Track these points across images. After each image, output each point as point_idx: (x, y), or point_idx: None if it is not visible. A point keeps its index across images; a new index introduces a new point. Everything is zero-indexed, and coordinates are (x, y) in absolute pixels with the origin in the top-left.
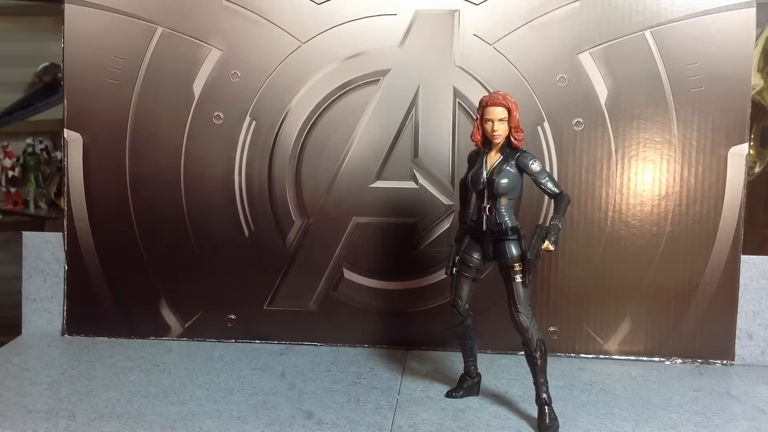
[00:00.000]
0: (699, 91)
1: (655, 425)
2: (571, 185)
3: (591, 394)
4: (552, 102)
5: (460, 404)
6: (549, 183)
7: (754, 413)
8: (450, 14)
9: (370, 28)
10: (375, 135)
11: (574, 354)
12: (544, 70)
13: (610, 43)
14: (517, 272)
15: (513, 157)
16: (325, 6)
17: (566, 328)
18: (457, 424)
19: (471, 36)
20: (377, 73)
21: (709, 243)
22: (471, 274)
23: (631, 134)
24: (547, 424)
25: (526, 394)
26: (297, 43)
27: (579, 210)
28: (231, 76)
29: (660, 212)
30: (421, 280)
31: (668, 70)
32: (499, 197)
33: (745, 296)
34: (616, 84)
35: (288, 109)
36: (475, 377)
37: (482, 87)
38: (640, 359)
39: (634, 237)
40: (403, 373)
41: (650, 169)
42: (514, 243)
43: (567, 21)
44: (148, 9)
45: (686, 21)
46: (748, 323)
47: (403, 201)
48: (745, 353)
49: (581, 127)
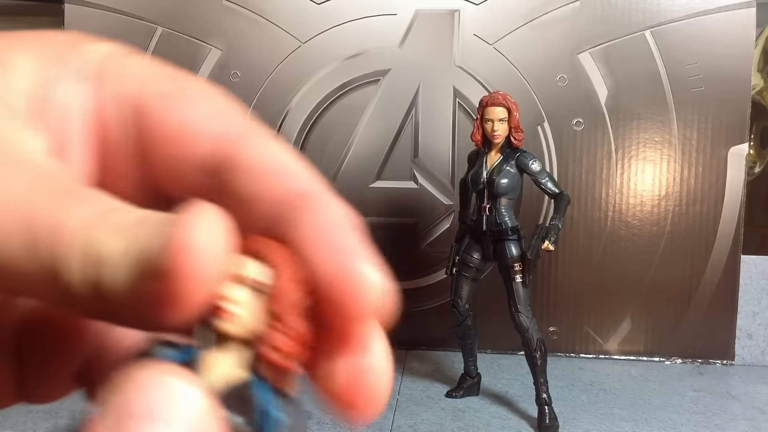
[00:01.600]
0: (699, 91)
1: (655, 425)
2: (571, 185)
3: (591, 394)
4: (552, 102)
5: (460, 404)
6: (549, 183)
7: (754, 413)
8: (450, 14)
9: (370, 28)
10: (375, 135)
11: (574, 354)
12: (544, 70)
13: (610, 43)
14: (517, 272)
15: (513, 157)
16: (325, 6)
17: (566, 328)
18: (457, 424)
19: (471, 36)
20: (377, 73)
21: (709, 243)
22: (471, 274)
23: (631, 134)
24: (547, 424)
25: (526, 394)
26: (297, 43)
27: (579, 210)
28: (231, 76)
29: (660, 212)
30: (421, 280)
31: (668, 70)
32: (499, 197)
33: (745, 296)
34: (616, 84)
35: (288, 109)
36: (475, 377)
37: (482, 87)
38: (640, 359)
39: (634, 237)
40: (403, 373)
41: (650, 169)
42: (514, 243)
43: (567, 21)
44: (148, 9)
45: (686, 21)
46: (748, 323)
47: (403, 201)
48: (745, 353)
49: (581, 127)
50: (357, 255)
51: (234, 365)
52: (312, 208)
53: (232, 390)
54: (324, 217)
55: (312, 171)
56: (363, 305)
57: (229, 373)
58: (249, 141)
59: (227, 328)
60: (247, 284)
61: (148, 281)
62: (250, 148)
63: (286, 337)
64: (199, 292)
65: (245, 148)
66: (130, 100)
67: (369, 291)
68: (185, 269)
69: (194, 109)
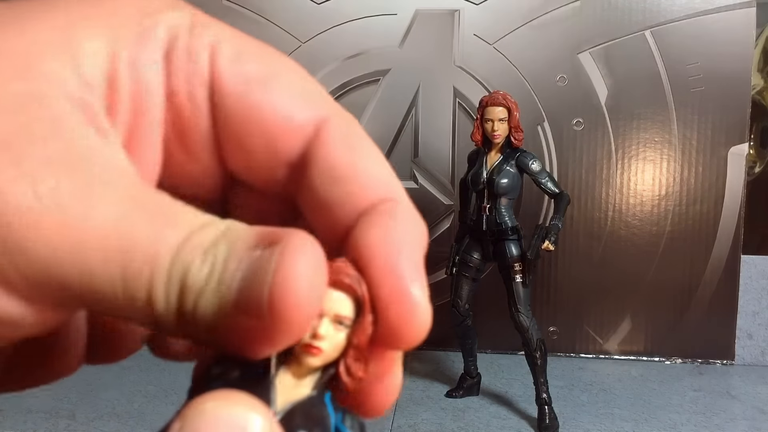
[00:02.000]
0: (699, 91)
1: (655, 425)
2: (571, 185)
3: (591, 394)
4: (552, 102)
5: (460, 404)
6: (549, 183)
7: (754, 413)
8: (450, 14)
9: (370, 28)
10: (375, 135)
11: (574, 354)
12: (544, 70)
13: (610, 43)
14: (517, 272)
15: (513, 157)
16: (325, 6)
17: (566, 328)
18: (457, 424)
19: (471, 36)
20: (377, 72)
21: (709, 243)
22: (471, 274)
23: (631, 134)
24: (547, 423)
25: (526, 394)
26: (297, 43)
27: (579, 210)
28: None
29: (660, 212)
30: None
31: (668, 70)
32: (499, 197)
33: (745, 296)
34: (616, 84)
35: None
36: (475, 377)
37: (482, 87)
38: (640, 359)
39: (634, 237)
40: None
41: (650, 169)
42: (514, 243)
43: (567, 21)
44: None
45: (686, 21)
46: (748, 323)
47: None
48: (745, 353)
49: (581, 127)
50: (415, 284)
51: (305, 384)
52: (382, 225)
53: (305, 408)
54: (391, 236)
55: (394, 177)
56: (411, 335)
57: (300, 392)
58: (334, 134)
59: (314, 363)
60: (330, 317)
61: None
62: (335, 143)
63: (361, 364)
64: (298, 333)
65: (330, 144)
66: (205, 81)
67: (418, 323)
68: (289, 310)
69: (279, 96)
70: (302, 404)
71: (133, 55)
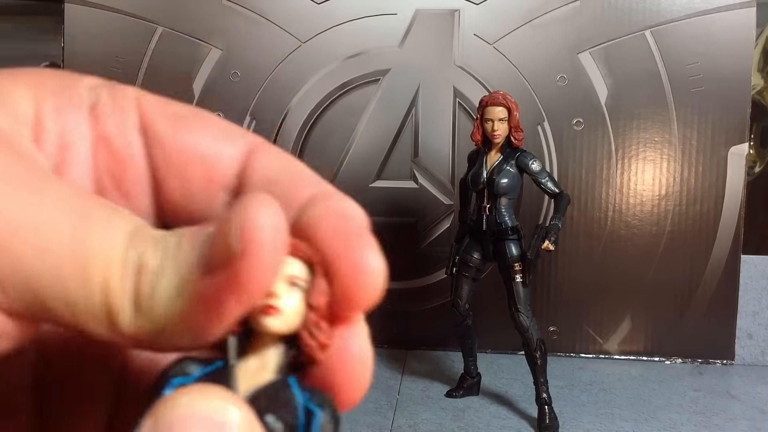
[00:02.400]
0: (699, 91)
1: (655, 425)
2: (571, 185)
3: (591, 394)
4: (552, 102)
5: (460, 404)
6: (549, 183)
7: (754, 413)
8: (450, 14)
9: (370, 28)
10: (375, 135)
11: (574, 354)
12: (544, 70)
13: (610, 43)
14: (517, 272)
15: (513, 157)
16: (325, 6)
17: (566, 328)
18: (457, 423)
19: (471, 36)
20: (377, 72)
21: (709, 243)
22: (471, 273)
23: (631, 134)
24: (547, 423)
25: (526, 394)
26: (297, 43)
27: (579, 210)
28: (231, 75)
29: (660, 212)
30: (421, 280)
31: (668, 70)
32: (499, 197)
33: (745, 296)
34: (616, 84)
35: (288, 109)
36: (475, 377)
37: (482, 87)
38: (640, 359)
39: (634, 237)
40: (403, 372)
41: (650, 168)
42: (514, 243)
43: (567, 21)
44: (148, 9)
45: (686, 21)
46: (748, 323)
47: (403, 201)
48: (745, 353)
49: (581, 127)
50: (365, 241)
51: (267, 368)
52: (323, 203)
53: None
54: (334, 208)
55: (319, 176)
56: (366, 291)
57: (263, 377)
58: (268, 153)
59: (273, 325)
60: (284, 280)
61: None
62: (269, 158)
63: (323, 329)
64: (270, 274)
65: (265, 159)
66: (135, 126)
67: (372, 277)
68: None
69: (212, 126)
70: (266, 388)
71: (58, 104)
